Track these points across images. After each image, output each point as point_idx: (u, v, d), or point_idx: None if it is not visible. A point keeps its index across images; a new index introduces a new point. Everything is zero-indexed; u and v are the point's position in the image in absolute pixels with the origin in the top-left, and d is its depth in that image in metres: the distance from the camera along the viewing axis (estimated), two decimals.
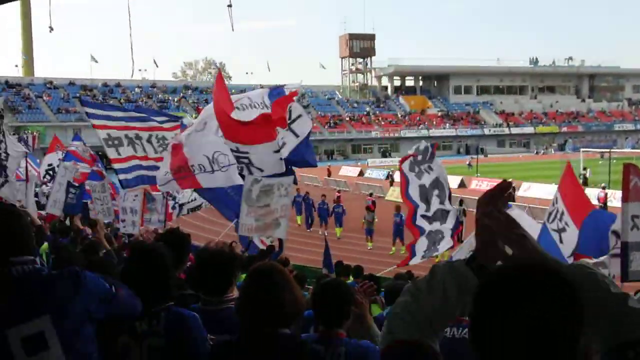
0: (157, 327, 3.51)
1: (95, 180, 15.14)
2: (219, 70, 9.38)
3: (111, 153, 10.78)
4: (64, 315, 2.93)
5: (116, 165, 10.98)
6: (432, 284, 2.11)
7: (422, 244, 10.94)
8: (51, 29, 11.95)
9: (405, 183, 11.39)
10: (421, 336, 2.05)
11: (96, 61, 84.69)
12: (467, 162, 63.67)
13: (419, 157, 11.20)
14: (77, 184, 15.46)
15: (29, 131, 68.75)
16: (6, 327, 2.83)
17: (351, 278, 11.29)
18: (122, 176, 10.93)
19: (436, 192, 10.99)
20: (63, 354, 2.88)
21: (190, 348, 3.48)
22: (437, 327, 2.10)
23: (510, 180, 2.38)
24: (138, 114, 11.44)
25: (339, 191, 37.71)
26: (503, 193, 2.18)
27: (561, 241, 9.14)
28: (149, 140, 10.91)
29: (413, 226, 11.36)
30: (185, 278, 4.94)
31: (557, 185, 9.79)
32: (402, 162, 11.68)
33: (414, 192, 11.21)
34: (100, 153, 15.62)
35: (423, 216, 11.06)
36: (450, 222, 10.97)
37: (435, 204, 10.95)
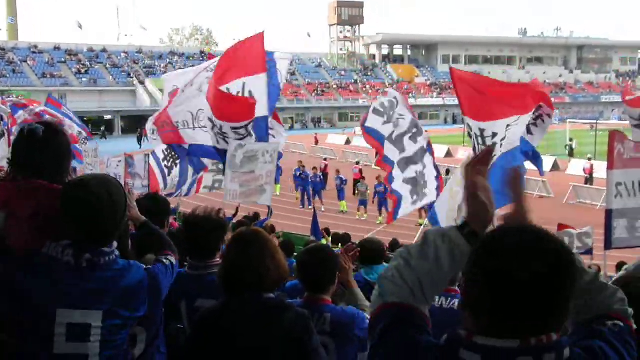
0: None
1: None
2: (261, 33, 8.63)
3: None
4: (116, 317, 2.89)
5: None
6: (425, 249, 2.11)
7: (404, 199, 10.48)
8: None
9: (377, 143, 10.63)
10: (412, 300, 2.05)
11: (81, 28, 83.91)
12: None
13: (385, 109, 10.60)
14: None
15: (14, 95, 68.15)
16: (59, 307, 2.80)
17: (340, 246, 11.27)
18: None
19: (409, 135, 10.46)
20: (99, 348, 2.85)
21: None
22: (428, 293, 2.09)
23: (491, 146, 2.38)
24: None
25: (325, 159, 37.72)
26: (487, 158, 2.22)
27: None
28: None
29: (391, 195, 11.01)
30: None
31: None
32: (363, 121, 10.82)
33: (388, 149, 10.55)
34: (85, 118, 15.47)
35: (398, 177, 10.50)
36: (431, 181, 10.49)
37: (410, 147, 10.39)
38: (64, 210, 2.89)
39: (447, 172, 29.92)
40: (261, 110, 8.88)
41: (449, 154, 46.27)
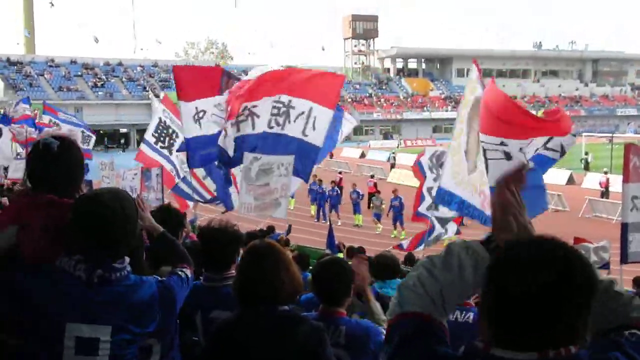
0: None
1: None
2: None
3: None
4: (126, 332, 2.90)
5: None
6: (448, 260, 2.11)
7: (434, 229, 10.69)
8: (52, 4, 11.80)
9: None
10: (433, 310, 2.05)
11: (97, 41, 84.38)
12: None
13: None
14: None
15: (31, 109, 68.64)
16: (69, 320, 2.82)
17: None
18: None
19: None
20: None
21: None
22: (448, 304, 2.09)
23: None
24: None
25: (340, 172, 37.71)
26: (522, 176, 2.19)
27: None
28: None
29: (418, 217, 11.27)
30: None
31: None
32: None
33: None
34: (102, 132, 15.66)
35: (428, 207, 10.87)
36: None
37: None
38: (77, 224, 2.90)
39: None
40: (316, 140, 8.70)
41: None
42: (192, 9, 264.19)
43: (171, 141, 13.04)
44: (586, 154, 47.61)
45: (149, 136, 13.05)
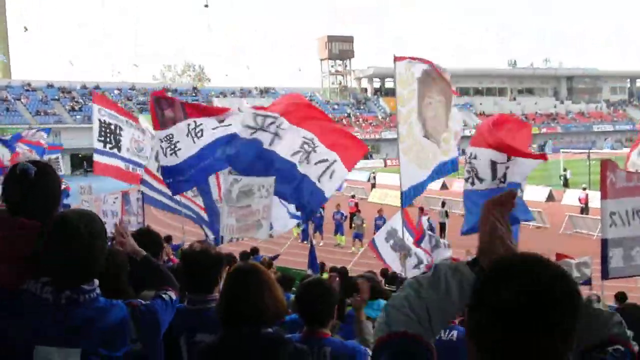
0: None
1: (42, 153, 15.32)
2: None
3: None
4: (95, 355, 2.84)
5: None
6: (435, 281, 2.11)
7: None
8: (25, 28, 11.80)
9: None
10: (420, 330, 2.04)
11: (72, 65, 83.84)
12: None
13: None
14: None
15: (7, 134, 68.23)
16: (37, 343, 2.78)
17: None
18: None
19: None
20: None
21: None
22: (435, 324, 2.08)
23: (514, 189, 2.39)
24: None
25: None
26: (510, 201, 2.20)
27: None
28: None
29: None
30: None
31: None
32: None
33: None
34: (80, 155, 15.75)
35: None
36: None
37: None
38: (46, 247, 2.87)
39: (443, 204, 30.02)
40: (325, 189, 9.14)
41: (444, 187, 46.26)
42: (168, 32, 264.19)
43: (117, 137, 12.92)
44: (564, 170, 47.98)
45: (96, 143, 12.87)
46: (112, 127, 12.78)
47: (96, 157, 13.05)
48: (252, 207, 8.45)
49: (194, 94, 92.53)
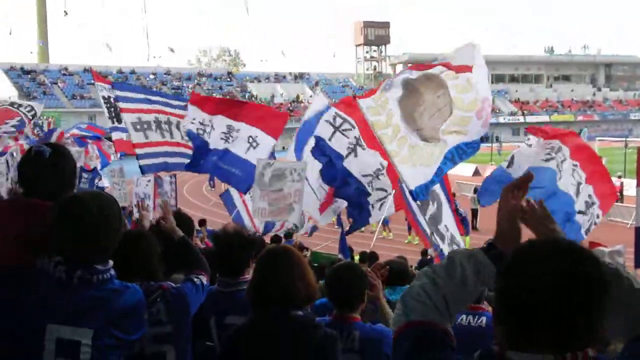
0: None
1: (105, 165, 15.30)
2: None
3: (137, 137, 10.25)
4: (109, 337, 2.85)
5: (140, 150, 10.35)
6: (451, 268, 2.14)
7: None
8: (65, 13, 11.84)
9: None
10: (437, 318, 2.06)
11: (110, 49, 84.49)
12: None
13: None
14: (88, 169, 15.56)
15: (44, 117, 69.04)
16: (49, 322, 2.79)
17: (367, 265, 11.20)
18: (145, 161, 10.06)
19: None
20: None
21: None
22: (452, 310, 2.11)
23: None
24: (168, 100, 10.79)
25: None
26: (526, 185, 2.23)
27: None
28: (177, 127, 10.55)
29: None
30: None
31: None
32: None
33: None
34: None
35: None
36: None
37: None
38: (57, 226, 2.89)
39: (475, 190, 29.80)
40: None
41: (476, 173, 45.96)
42: (204, 17, 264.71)
43: (118, 110, 12.67)
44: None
45: (109, 123, 12.76)
46: (112, 100, 12.61)
47: (114, 135, 13.05)
48: (284, 190, 8.44)
49: (228, 79, 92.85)
